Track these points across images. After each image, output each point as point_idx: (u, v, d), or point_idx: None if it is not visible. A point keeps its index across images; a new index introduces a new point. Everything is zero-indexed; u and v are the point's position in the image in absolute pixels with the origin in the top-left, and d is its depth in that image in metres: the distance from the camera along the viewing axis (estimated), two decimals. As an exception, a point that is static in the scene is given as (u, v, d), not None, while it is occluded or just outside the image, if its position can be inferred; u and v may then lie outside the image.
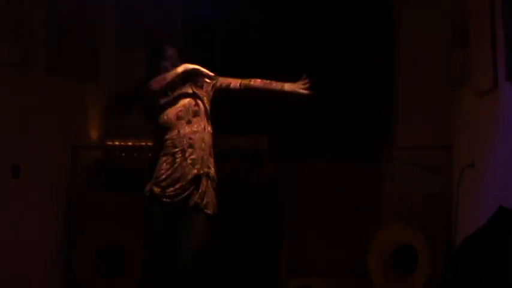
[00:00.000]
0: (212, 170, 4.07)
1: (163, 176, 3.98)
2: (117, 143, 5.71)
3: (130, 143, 5.67)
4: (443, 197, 5.33)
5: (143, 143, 5.62)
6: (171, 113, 4.03)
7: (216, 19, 6.11)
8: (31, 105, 4.98)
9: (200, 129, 4.03)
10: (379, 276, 5.37)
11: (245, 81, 4.12)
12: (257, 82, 4.11)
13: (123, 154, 5.64)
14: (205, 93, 4.11)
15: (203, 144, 4.02)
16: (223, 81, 4.13)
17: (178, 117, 4.01)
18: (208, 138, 4.07)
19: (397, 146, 5.88)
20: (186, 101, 4.06)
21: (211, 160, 4.08)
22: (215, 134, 4.14)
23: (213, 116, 4.14)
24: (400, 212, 5.45)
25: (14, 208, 4.80)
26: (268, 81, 4.13)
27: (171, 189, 3.97)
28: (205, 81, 4.11)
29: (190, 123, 4.02)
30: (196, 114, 4.04)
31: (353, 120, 6.24)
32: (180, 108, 4.03)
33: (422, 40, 5.72)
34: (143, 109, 4.19)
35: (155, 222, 4.01)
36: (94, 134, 5.80)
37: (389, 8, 6.08)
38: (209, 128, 4.09)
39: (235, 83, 4.13)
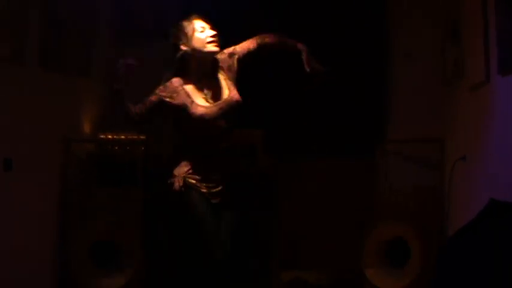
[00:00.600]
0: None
1: (197, 170, 3.89)
2: (110, 136, 5.70)
3: (123, 136, 5.67)
4: (437, 191, 5.34)
5: (135, 136, 5.62)
6: (211, 111, 3.88)
7: (215, 19, 6.09)
8: (24, 99, 4.96)
9: (231, 125, 3.95)
10: (373, 270, 5.38)
11: (259, 39, 4.10)
12: (271, 37, 4.12)
13: (116, 147, 5.64)
14: (234, 73, 4.03)
15: (232, 138, 3.99)
16: (241, 50, 4.08)
17: (216, 118, 3.88)
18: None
19: (391, 140, 5.88)
20: (225, 94, 3.94)
21: None
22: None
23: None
24: (394, 206, 5.46)
25: (6, 202, 4.77)
26: (281, 37, 4.15)
27: (206, 183, 3.89)
28: (231, 61, 4.04)
29: (226, 120, 3.90)
30: (231, 110, 3.93)
31: (347, 115, 6.22)
32: (221, 106, 3.90)
33: (415, 35, 5.72)
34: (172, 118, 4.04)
35: (199, 210, 3.87)
36: (87, 128, 5.79)
37: (383, 3, 6.08)
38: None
39: (252, 45, 4.10)
